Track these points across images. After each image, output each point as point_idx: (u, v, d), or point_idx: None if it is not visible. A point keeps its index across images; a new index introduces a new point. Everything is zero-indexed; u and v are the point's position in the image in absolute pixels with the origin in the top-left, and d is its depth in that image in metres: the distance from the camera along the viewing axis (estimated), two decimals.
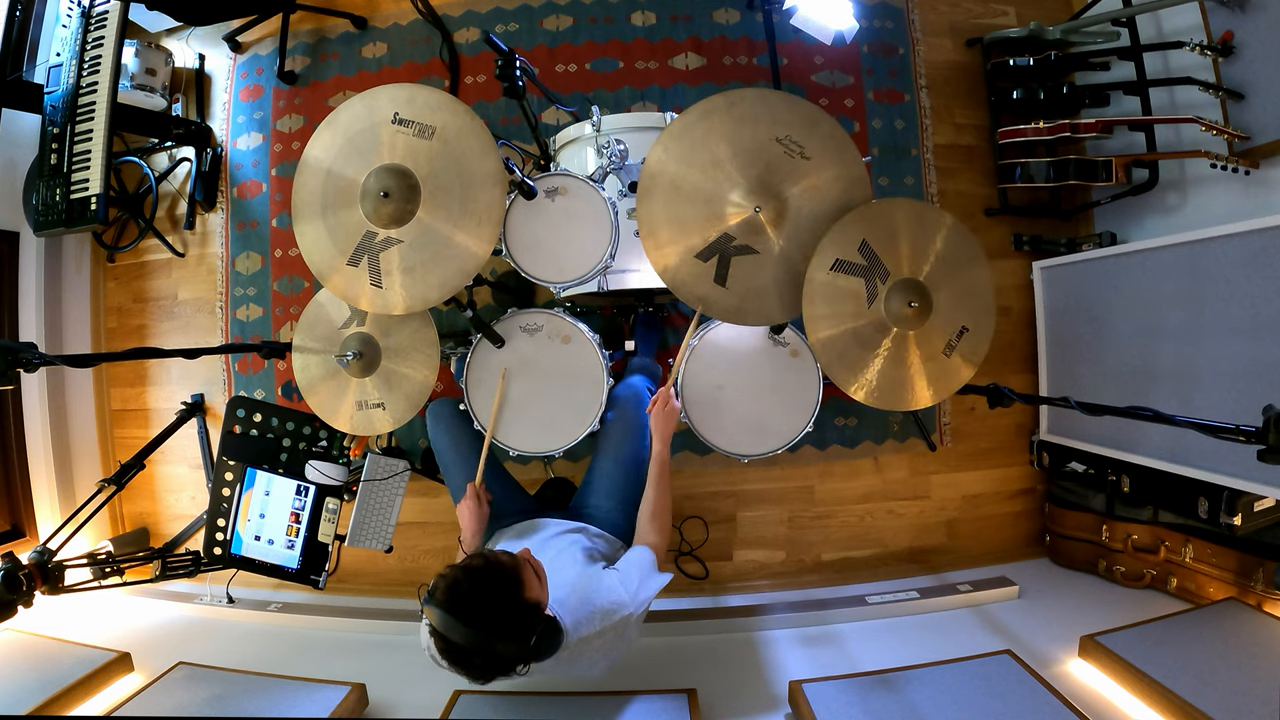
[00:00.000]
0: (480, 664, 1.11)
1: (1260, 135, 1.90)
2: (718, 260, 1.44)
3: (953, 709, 1.51)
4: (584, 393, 1.64)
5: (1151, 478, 2.00)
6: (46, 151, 2.18)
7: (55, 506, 2.51)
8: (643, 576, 1.33)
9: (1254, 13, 1.89)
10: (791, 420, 1.66)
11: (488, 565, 1.14)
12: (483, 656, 1.10)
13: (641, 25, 2.59)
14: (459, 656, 1.11)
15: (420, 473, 2.17)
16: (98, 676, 1.84)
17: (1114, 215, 2.43)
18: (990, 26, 2.58)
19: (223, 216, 2.71)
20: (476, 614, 1.08)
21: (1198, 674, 1.53)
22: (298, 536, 1.88)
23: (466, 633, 1.07)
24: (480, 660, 1.11)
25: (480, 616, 1.09)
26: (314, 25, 2.71)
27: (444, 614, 1.08)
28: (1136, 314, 2.06)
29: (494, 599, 1.11)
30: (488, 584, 1.12)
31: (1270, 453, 1.04)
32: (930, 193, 2.55)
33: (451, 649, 1.10)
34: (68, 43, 2.21)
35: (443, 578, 1.13)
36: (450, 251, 1.41)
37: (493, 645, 1.09)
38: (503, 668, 1.13)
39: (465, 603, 1.09)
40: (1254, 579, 1.83)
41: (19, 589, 1.55)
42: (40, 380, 2.54)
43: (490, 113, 2.58)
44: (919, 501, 2.50)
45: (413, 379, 1.64)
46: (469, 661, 1.11)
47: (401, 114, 1.40)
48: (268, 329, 2.65)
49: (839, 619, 2.08)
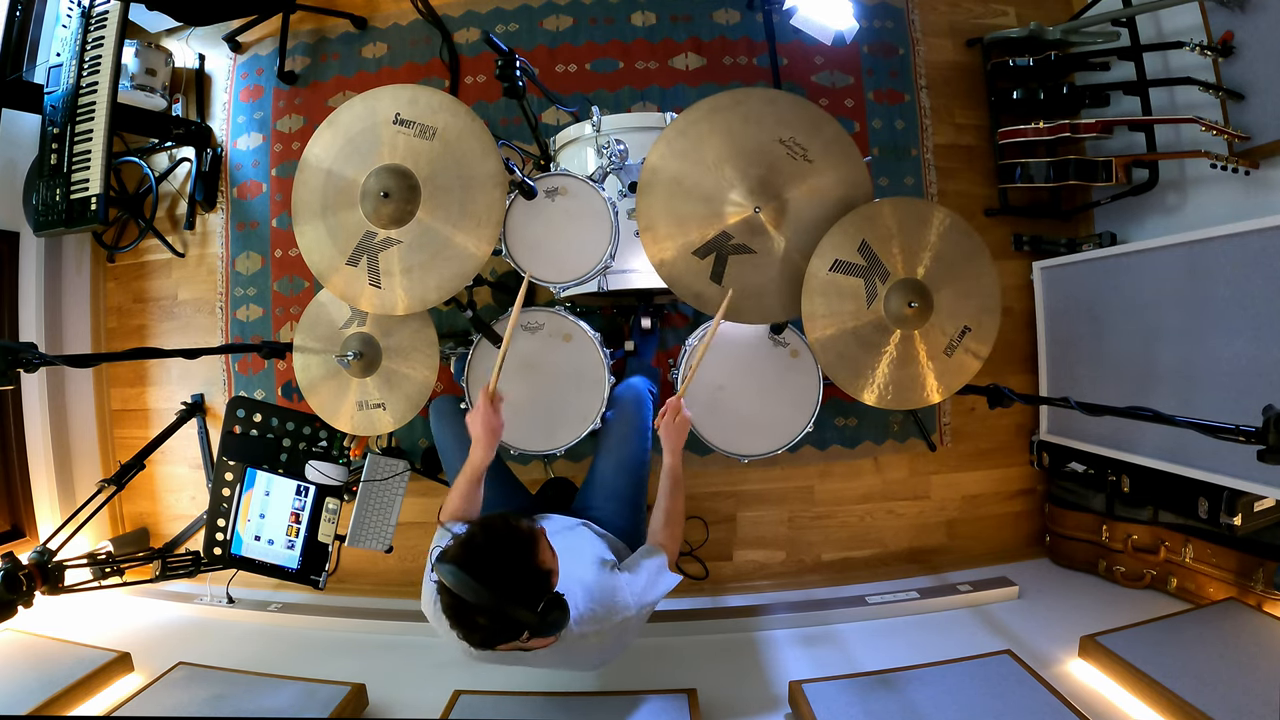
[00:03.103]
0: (486, 624, 1.08)
1: (1260, 135, 1.90)
2: (715, 258, 1.44)
3: (953, 709, 1.51)
4: (585, 391, 1.64)
5: (1151, 478, 2.00)
6: (46, 151, 2.18)
7: (55, 506, 2.51)
8: (650, 579, 1.33)
9: (1254, 13, 1.89)
10: (791, 420, 1.66)
11: (505, 524, 1.12)
12: (489, 616, 1.07)
13: (641, 25, 2.59)
14: (465, 615, 1.08)
15: (420, 473, 2.17)
16: (98, 676, 1.83)
17: (1114, 215, 2.43)
18: (990, 26, 2.58)
19: (223, 216, 2.71)
20: (489, 572, 1.06)
21: (1198, 674, 1.53)
22: (298, 536, 1.88)
23: (478, 589, 1.04)
24: (487, 620, 1.07)
25: (493, 575, 1.06)
26: (314, 25, 2.71)
27: (456, 569, 1.05)
28: (1136, 314, 2.06)
29: (508, 559, 1.09)
30: (504, 543, 1.10)
31: (1270, 453, 1.04)
32: (930, 193, 2.55)
33: (459, 606, 1.07)
34: (68, 43, 2.21)
35: (457, 536, 1.11)
36: (450, 252, 1.41)
37: (501, 606, 1.05)
38: (507, 633, 1.09)
39: (479, 559, 1.07)
40: (1254, 579, 1.83)
41: (19, 589, 1.55)
42: (40, 380, 2.54)
43: (490, 113, 2.58)
44: (919, 501, 2.50)
45: (413, 379, 1.64)
46: (474, 621, 1.08)
47: (403, 114, 1.40)
48: (268, 329, 2.65)
49: (839, 619, 2.08)
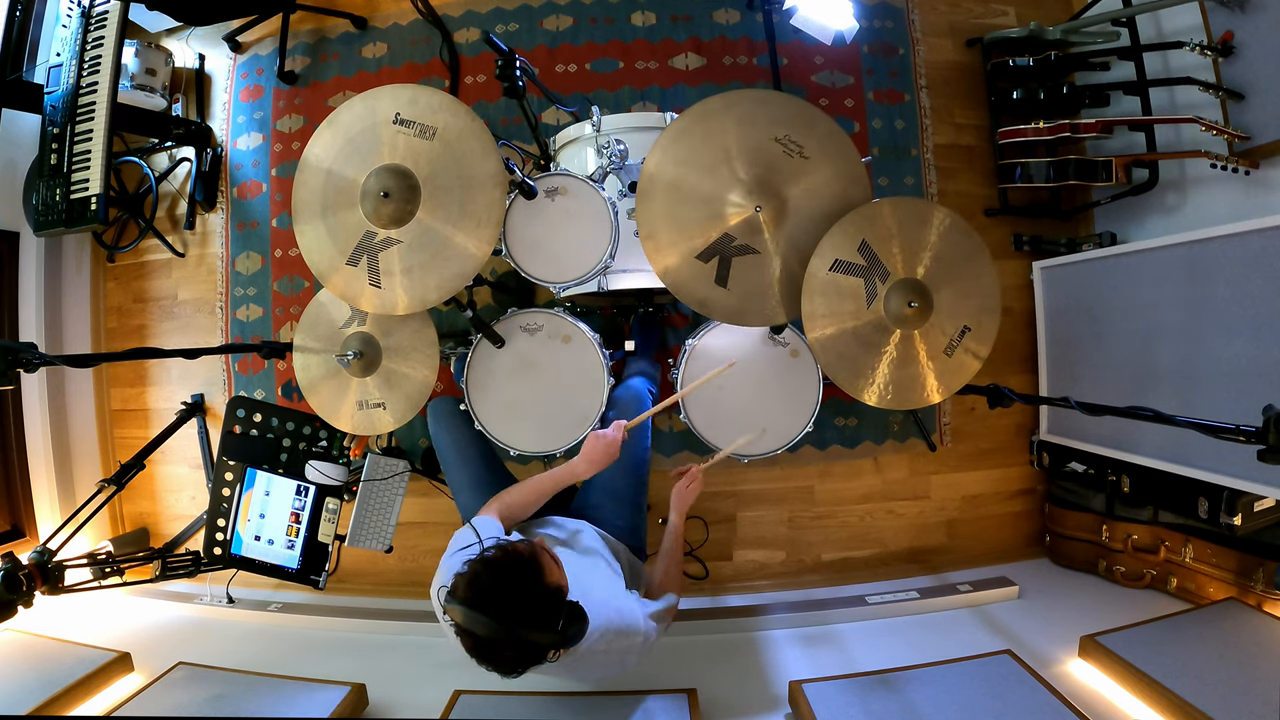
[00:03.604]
0: (511, 655, 1.08)
1: (1260, 135, 1.90)
2: (718, 261, 1.44)
3: (953, 709, 1.51)
4: (584, 392, 1.64)
5: (1151, 478, 2.00)
6: (46, 151, 2.18)
7: (55, 506, 2.51)
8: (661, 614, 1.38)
9: (1254, 13, 1.89)
10: (791, 420, 1.66)
11: (505, 555, 1.12)
12: (512, 648, 1.07)
13: (641, 25, 2.59)
14: (488, 651, 1.08)
15: (420, 473, 2.17)
16: (98, 676, 1.84)
17: (1114, 215, 2.43)
18: (990, 26, 2.58)
19: (223, 216, 2.71)
20: (501, 605, 1.06)
21: (1198, 674, 1.53)
22: (298, 536, 1.88)
23: (493, 625, 1.04)
24: (511, 652, 1.08)
25: (505, 607, 1.06)
26: (314, 25, 2.71)
27: (467, 609, 1.05)
28: (1136, 314, 2.06)
29: (516, 588, 1.08)
30: (508, 574, 1.09)
31: (1270, 453, 1.04)
32: (930, 193, 2.55)
33: (480, 644, 1.07)
34: (68, 43, 2.21)
35: (460, 575, 1.11)
36: (450, 252, 1.41)
37: (521, 635, 1.06)
38: (534, 657, 1.10)
39: (488, 595, 1.07)
40: (1254, 579, 1.83)
41: (19, 589, 1.55)
42: (40, 380, 2.54)
43: (490, 113, 2.58)
44: (919, 501, 2.50)
45: (413, 378, 1.64)
46: (499, 655, 1.08)
47: (403, 114, 1.40)
48: (268, 329, 2.65)
49: (839, 619, 2.08)
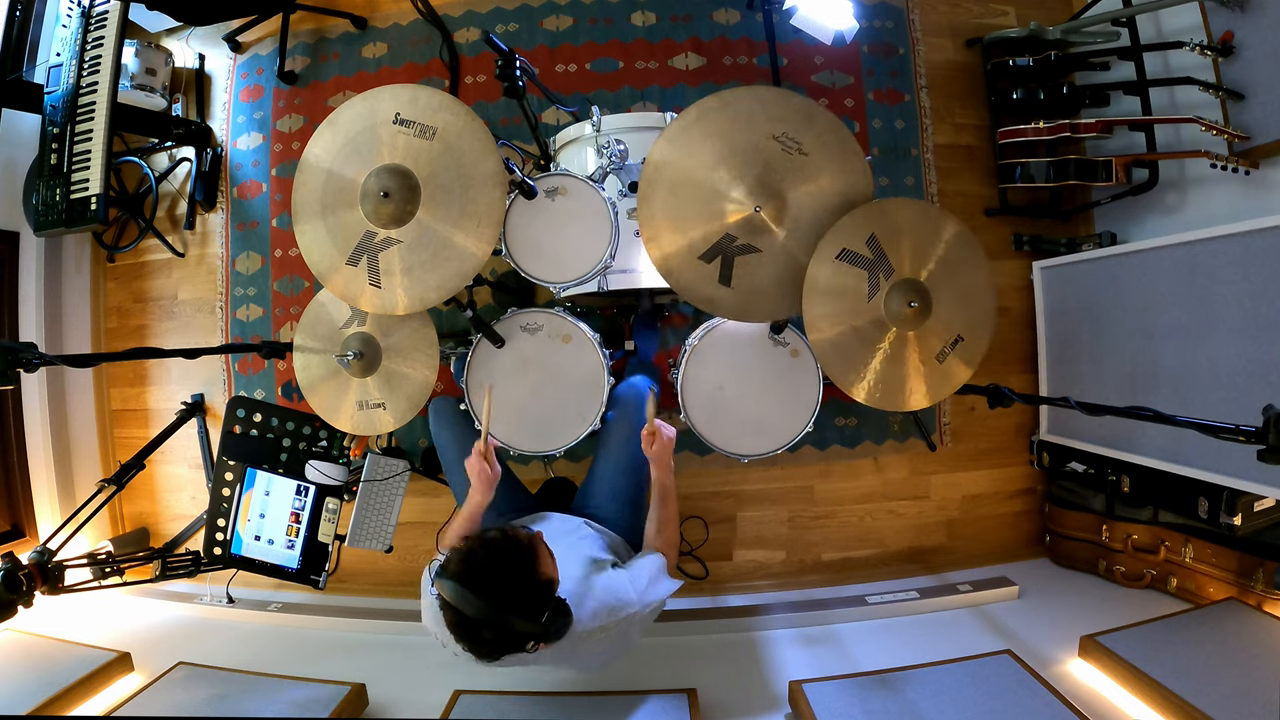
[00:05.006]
0: (491, 638, 1.08)
1: (1260, 135, 1.90)
2: (721, 261, 1.44)
3: (953, 709, 1.51)
4: (584, 392, 1.64)
5: (1151, 478, 2.00)
6: (46, 151, 2.17)
7: (55, 506, 2.51)
8: (651, 579, 1.34)
9: (1254, 13, 1.89)
10: (791, 420, 1.66)
11: (504, 538, 1.12)
12: (494, 630, 1.07)
13: (641, 25, 2.59)
14: (468, 629, 1.08)
15: (420, 473, 2.17)
16: (98, 676, 1.84)
17: (1114, 215, 2.43)
18: (990, 26, 2.58)
19: (223, 216, 2.71)
20: (491, 586, 1.06)
21: (1198, 674, 1.53)
22: (298, 536, 1.88)
23: (480, 605, 1.04)
24: (491, 634, 1.08)
25: (495, 589, 1.06)
26: (314, 25, 2.71)
27: (457, 586, 1.05)
28: (1136, 314, 2.06)
29: (509, 572, 1.09)
30: (504, 557, 1.10)
31: (1270, 453, 1.04)
32: (930, 193, 2.55)
33: (463, 622, 1.07)
34: (68, 43, 2.21)
35: (456, 550, 1.11)
36: (450, 252, 1.41)
37: (506, 619, 1.06)
38: (513, 644, 1.10)
39: (480, 574, 1.07)
40: (1254, 579, 1.83)
41: (19, 589, 1.55)
42: (40, 380, 2.54)
43: (490, 113, 2.58)
44: (919, 501, 2.50)
45: (413, 378, 1.64)
46: (479, 635, 1.08)
47: (403, 114, 1.40)
48: (268, 329, 2.65)
49: (839, 619, 2.08)
